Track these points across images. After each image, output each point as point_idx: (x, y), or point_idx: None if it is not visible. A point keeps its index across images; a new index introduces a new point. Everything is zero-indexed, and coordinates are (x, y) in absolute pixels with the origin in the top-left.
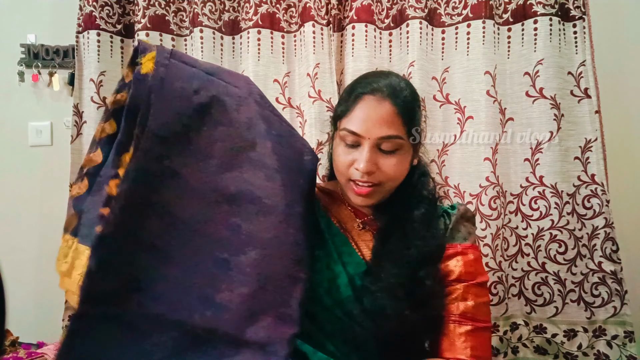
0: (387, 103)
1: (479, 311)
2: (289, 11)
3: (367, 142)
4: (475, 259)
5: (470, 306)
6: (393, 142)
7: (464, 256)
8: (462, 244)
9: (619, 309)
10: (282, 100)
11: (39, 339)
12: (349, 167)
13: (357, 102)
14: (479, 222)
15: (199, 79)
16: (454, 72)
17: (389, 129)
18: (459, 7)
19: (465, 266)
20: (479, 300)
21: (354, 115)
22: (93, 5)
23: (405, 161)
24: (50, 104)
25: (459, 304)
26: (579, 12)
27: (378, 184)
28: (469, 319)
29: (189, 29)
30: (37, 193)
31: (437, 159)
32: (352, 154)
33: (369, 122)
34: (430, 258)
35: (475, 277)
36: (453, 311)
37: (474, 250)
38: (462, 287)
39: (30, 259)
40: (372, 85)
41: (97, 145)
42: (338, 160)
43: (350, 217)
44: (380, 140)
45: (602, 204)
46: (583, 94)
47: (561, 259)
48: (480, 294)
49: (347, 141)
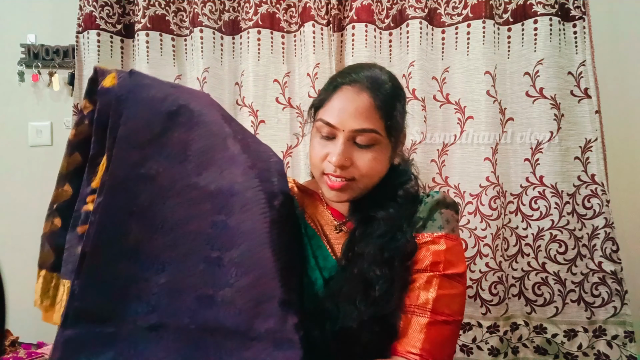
0: (365, 95)
1: (441, 304)
2: (289, 11)
3: (342, 135)
4: (447, 249)
5: (431, 298)
6: (368, 135)
7: (434, 245)
8: (434, 233)
9: (619, 309)
10: (282, 100)
11: (39, 339)
12: (322, 160)
13: (335, 92)
14: (478, 222)
15: (163, 90)
16: (454, 72)
17: (364, 122)
18: (459, 7)
19: (433, 256)
20: (444, 292)
21: (330, 106)
22: (93, 5)
23: (382, 158)
24: (50, 104)
25: (420, 293)
26: (579, 12)
27: (352, 179)
28: (428, 310)
29: (189, 29)
30: (37, 193)
31: (437, 159)
32: (327, 147)
33: (345, 113)
34: (390, 259)
35: (446, 268)
36: (413, 301)
37: (447, 240)
38: (426, 277)
39: (30, 259)
40: (352, 76)
41: (65, 180)
42: (312, 153)
43: (328, 218)
44: (354, 133)
45: (602, 204)
46: (583, 94)
47: (561, 259)
48: (448, 285)
49: (323, 133)
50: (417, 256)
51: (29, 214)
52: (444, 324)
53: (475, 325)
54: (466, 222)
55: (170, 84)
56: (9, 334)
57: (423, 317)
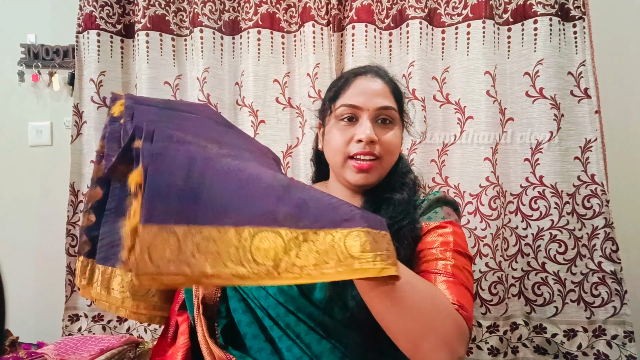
0: (379, 80)
1: (460, 272)
2: (289, 11)
3: (366, 114)
4: (454, 232)
5: (450, 264)
6: (390, 112)
7: (442, 229)
8: (439, 222)
9: (618, 309)
10: (282, 100)
11: (39, 339)
12: (347, 144)
13: (351, 82)
14: (478, 222)
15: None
16: (454, 72)
17: (385, 100)
18: (459, 7)
19: (442, 237)
20: (460, 264)
21: (349, 92)
22: (93, 5)
23: (399, 137)
24: (50, 104)
25: (439, 262)
26: (579, 12)
27: (378, 157)
28: (450, 274)
29: (189, 29)
30: (37, 193)
31: (437, 159)
32: (349, 131)
33: (366, 94)
34: (398, 235)
35: (455, 247)
36: (431, 268)
37: (452, 225)
38: (439, 250)
39: (30, 259)
40: (364, 68)
41: (96, 184)
42: (335, 141)
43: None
44: (378, 112)
45: (602, 204)
46: (583, 94)
47: (561, 259)
48: (461, 260)
49: (345, 117)
50: (425, 239)
51: (29, 214)
52: (466, 289)
53: (475, 325)
54: (466, 222)
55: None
56: (9, 334)
57: (446, 277)
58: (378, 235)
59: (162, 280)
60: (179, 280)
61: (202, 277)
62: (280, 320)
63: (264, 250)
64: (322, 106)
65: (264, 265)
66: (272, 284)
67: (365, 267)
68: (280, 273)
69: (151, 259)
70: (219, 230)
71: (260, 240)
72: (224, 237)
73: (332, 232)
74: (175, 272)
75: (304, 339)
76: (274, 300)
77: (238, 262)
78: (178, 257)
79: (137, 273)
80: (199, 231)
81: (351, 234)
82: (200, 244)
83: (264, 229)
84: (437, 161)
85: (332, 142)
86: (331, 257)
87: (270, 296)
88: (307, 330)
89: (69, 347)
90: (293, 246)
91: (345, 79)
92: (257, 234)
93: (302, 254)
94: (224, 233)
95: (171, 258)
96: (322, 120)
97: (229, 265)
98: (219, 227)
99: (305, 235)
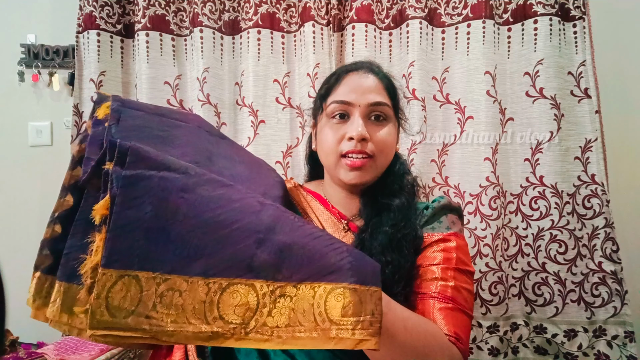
0: (372, 76)
1: (459, 294)
2: (289, 11)
3: (358, 110)
4: (457, 247)
5: (450, 286)
6: (382, 109)
7: (444, 243)
8: (442, 232)
9: (619, 309)
10: (282, 100)
11: (39, 339)
12: (339, 143)
13: (342, 79)
14: (478, 222)
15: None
16: (454, 72)
17: (377, 96)
18: (459, 7)
19: (445, 252)
20: (460, 284)
21: (341, 89)
22: (93, 5)
23: (393, 134)
24: (50, 104)
25: (438, 283)
26: (579, 12)
27: (371, 155)
28: (449, 298)
29: (189, 29)
30: (37, 193)
31: (437, 159)
32: (341, 129)
33: (359, 90)
34: (399, 245)
35: (458, 264)
36: (431, 289)
37: (456, 238)
38: (440, 269)
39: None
40: (355, 64)
41: (67, 191)
42: (326, 139)
43: (332, 220)
44: (370, 108)
45: (602, 204)
46: (583, 94)
47: (561, 259)
48: (462, 279)
49: (336, 115)
50: (426, 253)
51: (29, 214)
52: (465, 314)
53: (475, 325)
54: (466, 222)
55: (157, 109)
56: (9, 334)
57: (446, 303)
58: (366, 294)
59: (116, 335)
60: (135, 339)
61: (161, 335)
62: None
63: (233, 307)
64: (315, 104)
65: (231, 324)
66: (236, 345)
67: (342, 337)
68: (248, 333)
69: (108, 308)
70: (187, 280)
71: (231, 295)
72: (191, 289)
73: (314, 286)
74: (134, 326)
75: (300, 354)
76: None
77: (203, 319)
78: (138, 309)
79: (91, 322)
80: (164, 280)
81: (335, 290)
82: (164, 295)
83: (236, 281)
84: (437, 161)
85: (324, 142)
86: (307, 319)
87: None
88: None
89: (69, 347)
90: (267, 302)
91: (337, 76)
92: (229, 287)
93: (276, 312)
94: (192, 284)
95: (130, 309)
96: (315, 119)
97: (192, 322)
98: (186, 277)
99: (283, 289)
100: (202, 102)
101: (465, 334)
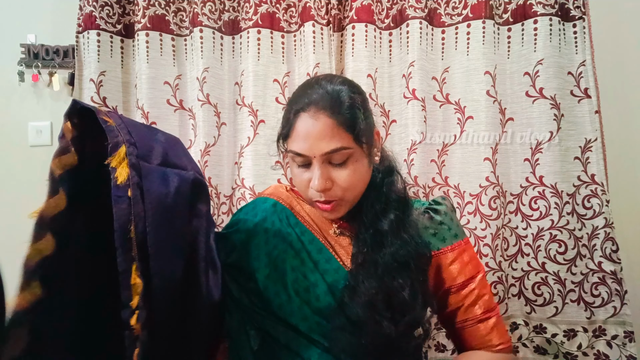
0: (323, 116)
1: (491, 299)
2: (289, 11)
3: (315, 160)
4: (470, 257)
5: (487, 300)
6: (340, 153)
7: (461, 256)
8: (453, 242)
9: (618, 309)
10: (282, 100)
11: None
12: (307, 187)
13: (295, 121)
14: (478, 222)
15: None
16: (454, 72)
17: (331, 142)
18: (459, 7)
19: (470, 263)
20: (486, 282)
21: (295, 136)
22: (93, 5)
23: (360, 168)
24: (50, 104)
25: (480, 301)
26: (579, 12)
27: (340, 198)
28: (491, 310)
29: (189, 29)
30: (37, 193)
31: (437, 159)
32: (306, 173)
33: (310, 139)
34: (405, 264)
35: (477, 272)
36: (477, 313)
37: (467, 245)
38: (477, 284)
39: None
40: (305, 101)
41: (47, 228)
42: (296, 182)
43: (326, 222)
44: (326, 156)
45: (602, 204)
46: (583, 94)
47: (561, 259)
48: (486, 284)
49: (297, 162)
50: (450, 268)
51: (29, 214)
52: (497, 314)
53: None
54: (466, 222)
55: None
56: None
57: (491, 319)
58: None
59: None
60: None
61: None
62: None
63: None
64: (278, 137)
65: None
66: None
67: None
68: None
69: None
70: None
71: None
72: None
73: None
74: None
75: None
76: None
77: None
78: None
79: None
80: None
81: None
82: None
83: None
84: (437, 161)
85: (295, 183)
86: None
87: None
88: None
89: None
90: None
91: (292, 115)
92: None
93: None
94: None
95: None
96: (283, 149)
97: None
98: None
99: None
100: (202, 102)
101: (505, 331)
